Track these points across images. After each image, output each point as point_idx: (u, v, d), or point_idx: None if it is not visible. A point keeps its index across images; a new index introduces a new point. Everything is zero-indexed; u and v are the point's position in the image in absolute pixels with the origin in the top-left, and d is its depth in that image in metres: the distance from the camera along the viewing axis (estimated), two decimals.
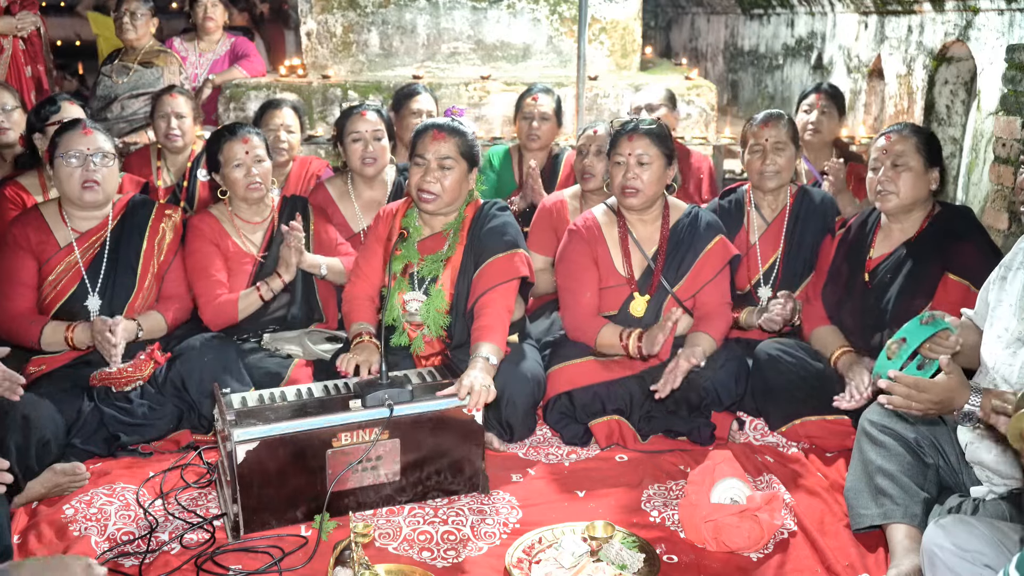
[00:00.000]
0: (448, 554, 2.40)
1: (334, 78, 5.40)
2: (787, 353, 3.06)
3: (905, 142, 2.92)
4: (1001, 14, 3.92)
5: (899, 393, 2.06)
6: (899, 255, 2.97)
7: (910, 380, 2.05)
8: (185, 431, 3.00)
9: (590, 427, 3.04)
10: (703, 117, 5.33)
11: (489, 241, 2.97)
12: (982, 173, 4.00)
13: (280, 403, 2.56)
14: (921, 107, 4.66)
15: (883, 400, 2.09)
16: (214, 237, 3.24)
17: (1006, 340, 2.18)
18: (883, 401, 2.10)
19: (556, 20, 5.63)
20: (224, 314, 3.17)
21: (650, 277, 3.14)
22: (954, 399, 2.04)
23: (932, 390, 2.04)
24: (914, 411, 2.07)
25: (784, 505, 2.58)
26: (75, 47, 9.39)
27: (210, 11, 5.37)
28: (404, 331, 3.02)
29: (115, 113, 4.81)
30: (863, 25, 5.46)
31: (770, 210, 3.42)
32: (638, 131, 3.09)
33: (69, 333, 2.96)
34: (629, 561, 2.28)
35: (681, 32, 9.65)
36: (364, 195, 3.68)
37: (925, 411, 2.06)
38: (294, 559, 2.36)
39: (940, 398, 2.04)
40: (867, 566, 2.35)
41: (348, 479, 2.51)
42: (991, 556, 1.88)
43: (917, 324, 2.18)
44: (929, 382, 2.05)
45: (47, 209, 3.11)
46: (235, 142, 3.20)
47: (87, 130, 3.03)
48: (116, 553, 2.38)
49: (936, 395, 2.04)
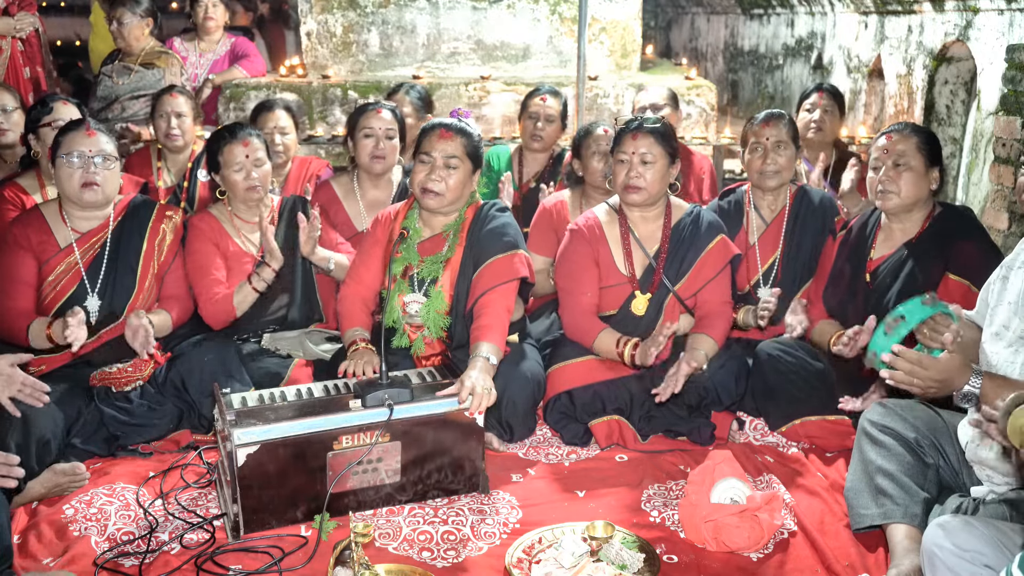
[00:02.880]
0: (448, 554, 2.40)
1: (334, 78, 5.40)
2: (787, 353, 3.06)
3: (906, 142, 2.92)
4: (1001, 14, 3.93)
5: (902, 368, 2.05)
6: (900, 255, 2.97)
7: (913, 356, 2.05)
8: (185, 431, 3.00)
9: (590, 427, 3.04)
10: (703, 117, 5.33)
11: (489, 242, 2.97)
12: (982, 173, 4.00)
13: (280, 403, 2.56)
14: (921, 107, 4.66)
15: (884, 374, 2.09)
16: (214, 237, 3.24)
17: (1007, 339, 2.18)
18: (884, 375, 2.09)
19: (556, 20, 5.63)
20: (222, 311, 3.17)
21: (651, 276, 3.14)
22: (955, 379, 2.04)
23: (934, 367, 2.04)
24: (915, 388, 2.06)
25: (784, 505, 2.58)
26: (75, 47, 9.40)
27: (210, 11, 5.37)
28: (404, 333, 3.02)
29: (115, 114, 4.81)
30: (863, 25, 5.46)
31: (769, 210, 3.42)
32: (642, 129, 3.09)
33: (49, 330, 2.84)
34: (629, 561, 2.28)
35: (681, 32, 9.65)
36: (369, 194, 3.68)
37: (925, 389, 2.06)
38: (294, 559, 2.36)
39: (942, 376, 2.04)
40: (867, 566, 2.35)
41: (348, 479, 2.51)
42: (991, 556, 1.88)
43: (918, 303, 2.19)
44: (932, 359, 2.05)
45: (47, 209, 3.11)
46: (235, 144, 3.19)
47: (90, 131, 3.02)
48: (116, 553, 2.38)
49: (938, 372, 2.04)
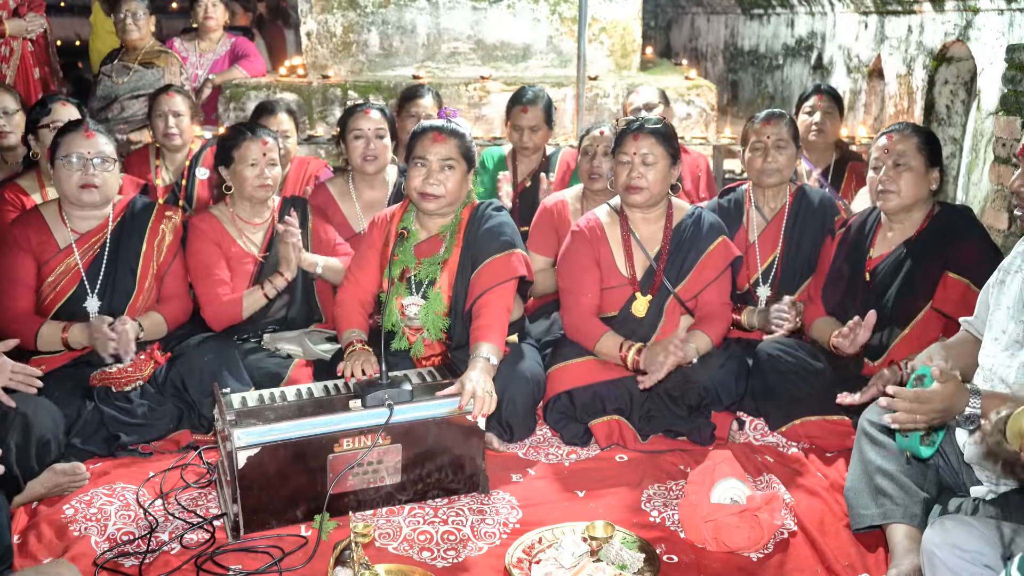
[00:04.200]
0: (448, 554, 2.40)
1: (334, 78, 5.40)
2: (787, 353, 3.06)
3: (906, 142, 2.92)
4: (1001, 14, 3.93)
5: (901, 409, 2.02)
6: (899, 254, 2.97)
7: (909, 394, 2.02)
8: (185, 431, 3.00)
9: (590, 427, 3.03)
10: (703, 117, 5.33)
11: (486, 242, 2.97)
12: (982, 173, 4.00)
13: (280, 403, 2.55)
14: (921, 107, 4.66)
15: (888, 420, 2.07)
16: (215, 237, 3.25)
17: (1004, 342, 2.18)
18: (888, 421, 2.07)
19: (556, 20, 5.63)
20: (228, 314, 3.18)
21: (652, 277, 3.14)
22: (955, 404, 2.02)
23: (933, 400, 2.01)
24: (921, 425, 2.03)
25: (784, 505, 2.58)
26: (75, 47, 9.40)
27: (210, 11, 5.37)
28: (404, 335, 3.02)
29: (115, 114, 4.81)
30: (863, 25, 5.46)
31: (769, 209, 3.42)
32: (643, 130, 3.09)
33: (64, 334, 2.96)
34: (629, 561, 2.28)
35: (681, 32, 9.65)
36: (365, 195, 3.68)
37: (930, 421, 2.03)
38: (294, 559, 2.36)
39: (943, 406, 2.01)
40: (867, 566, 2.35)
41: (348, 479, 2.51)
42: (991, 556, 1.88)
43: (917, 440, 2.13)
44: (929, 392, 2.02)
45: (47, 210, 3.11)
46: (255, 141, 3.22)
47: (89, 133, 3.02)
48: (116, 553, 2.37)
49: (939, 403, 2.01)
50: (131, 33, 4.89)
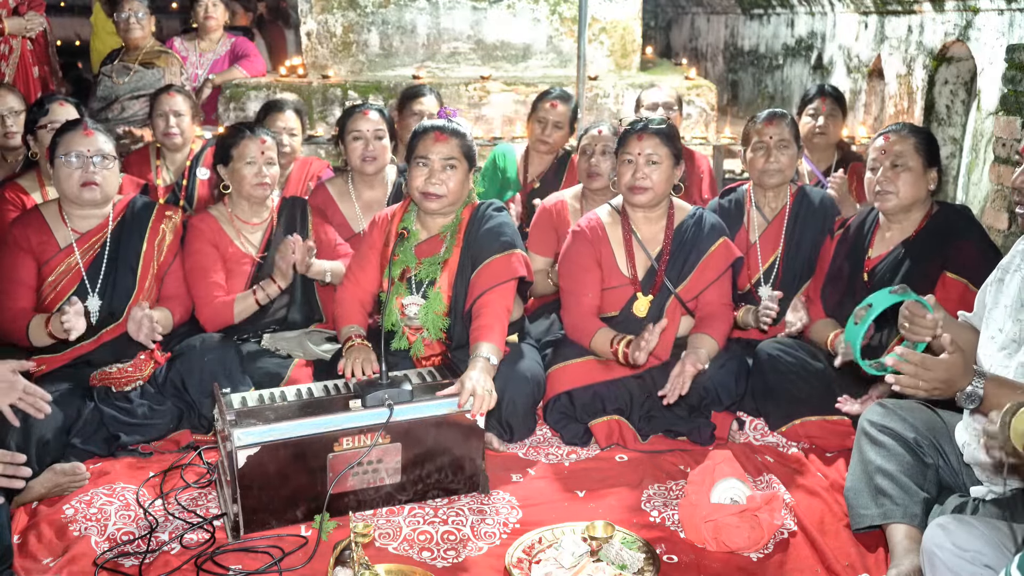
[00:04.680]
0: (448, 554, 2.40)
1: (334, 78, 5.40)
2: (787, 353, 3.06)
3: (904, 142, 2.92)
4: (1001, 14, 3.93)
5: (906, 370, 2.02)
6: (897, 254, 2.97)
7: (917, 357, 2.02)
8: (185, 431, 3.00)
9: (590, 427, 3.03)
10: (703, 117, 5.33)
11: (486, 242, 2.97)
12: (982, 173, 4.00)
13: (280, 403, 2.56)
14: (921, 107, 4.66)
15: (890, 380, 2.06)
16: (213, 237, 3.25)
17: (1000, 341, 2.18)
18: (891, 381, 2.06)
19: (556, 20, 5.63)
20: (220, 316, 3.18)
21: (653, 277, 3.14)
22: (959, 380, 2.01)
23: (938, 368, 2.01)
24: (921, 391, 2.03)
25: (784, 505, 2.58)
26: (75, 47, 9.40)
27: (211, 11, 5.38)
28: (404, 335, 3.02)
29: (115, 114, 4.81)
30: (863, 25, 5.46)
31: (770, 209, 3.42)
32: (648, 130, 3.08)
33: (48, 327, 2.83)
34: (629, 561, 2.28)
35: (681, 32, 9.65)
36: (364, 195, 3.68)
37: (931, 390, 2.02)
38: (294, 559, 2.36)
39: (946, 376, 2.00)
40: (867, 566, 2.35)
41: (348, 479, 2.51)
42: (991, 556, 1.88)
43: (886, 292, 2.21)
44: (935, 360, 2.01)
45: (47, 210, 3.11)
46: (253, 140, 3.23)
47: (88, 131, 3.02)
48: (116, 553, 2.38)
49: (942, 373, 2.00)
50: (133, 32, 4.89)
